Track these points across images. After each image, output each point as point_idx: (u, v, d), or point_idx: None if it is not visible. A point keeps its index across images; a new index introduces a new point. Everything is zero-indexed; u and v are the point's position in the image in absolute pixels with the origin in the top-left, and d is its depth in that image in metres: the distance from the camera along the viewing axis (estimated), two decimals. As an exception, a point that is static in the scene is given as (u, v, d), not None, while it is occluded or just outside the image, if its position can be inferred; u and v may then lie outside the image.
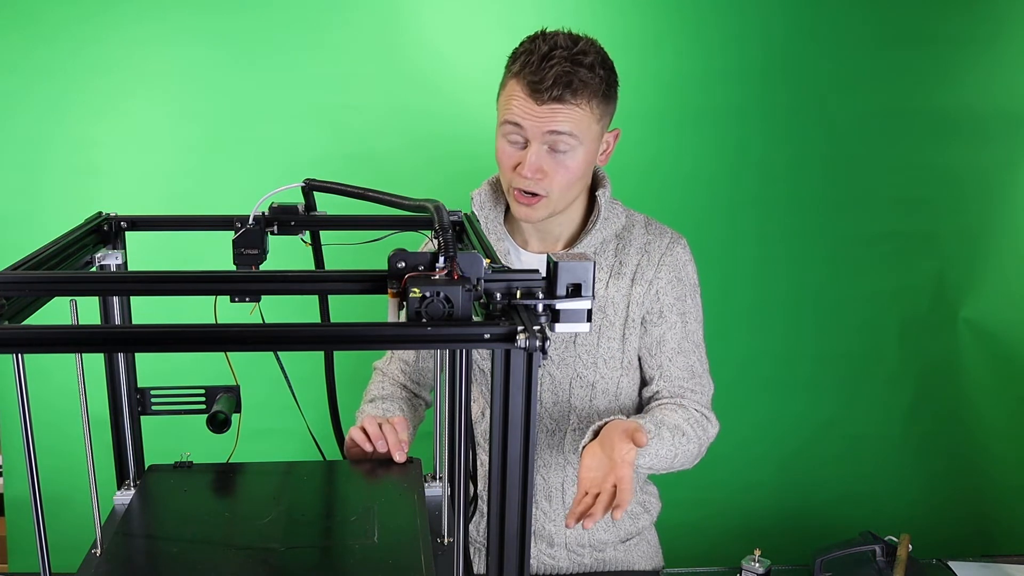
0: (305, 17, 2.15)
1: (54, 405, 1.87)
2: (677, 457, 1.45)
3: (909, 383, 2.44)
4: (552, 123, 1.35)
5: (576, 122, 1.36)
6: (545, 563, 1.64)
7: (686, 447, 1.46)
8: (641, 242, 1.53)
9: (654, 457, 1.41)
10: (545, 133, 1.36)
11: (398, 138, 2.23)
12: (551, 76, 1.32)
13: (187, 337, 0.75)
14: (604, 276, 1.51)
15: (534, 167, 1.37)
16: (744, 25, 2.22)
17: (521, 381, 0.78)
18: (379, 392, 1.60)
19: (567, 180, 1.40)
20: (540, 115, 1.35)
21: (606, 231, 1.50)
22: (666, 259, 1.52)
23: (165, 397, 1.15)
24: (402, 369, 1.63)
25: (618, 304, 1.51)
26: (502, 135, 1.41)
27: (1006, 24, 2.25)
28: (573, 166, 1.39)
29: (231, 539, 1.01)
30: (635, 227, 1.54)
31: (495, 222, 1.54)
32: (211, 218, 1.11)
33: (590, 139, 1.39)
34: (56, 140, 2.16)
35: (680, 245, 1.54)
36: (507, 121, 1.38)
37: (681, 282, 1.53)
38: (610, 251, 1.52)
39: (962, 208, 2.34)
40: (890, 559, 1.52)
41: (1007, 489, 2.48)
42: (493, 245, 1.51)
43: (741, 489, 2.45)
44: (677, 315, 1.53)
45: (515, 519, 0.82)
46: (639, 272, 1.51)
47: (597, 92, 1.36)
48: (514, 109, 1.37)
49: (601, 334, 1.51)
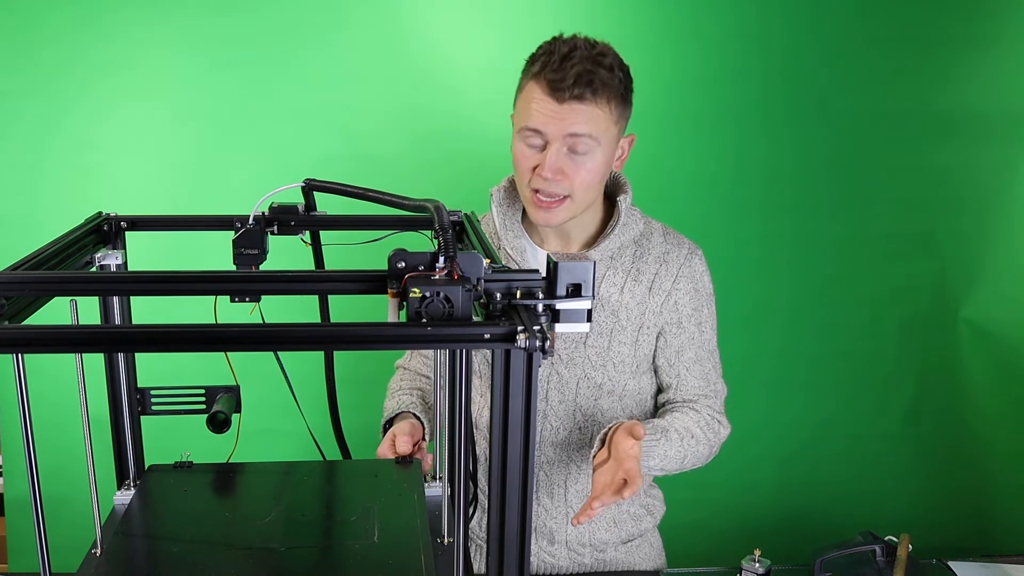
0: (305, 17, 2.15)
1: (54, 405, 1.87)
2: (687, 458, 1.50)
3: (909, 383, 2.45)
4: (572, 125, 1.35)
5: (595, 123, 1.36)
6: (545, 561, 1.64)
7: (696, 449, 1.50)
8: (660, 251, 1.54)
9: (663, 458, 1.46)
10: (565, 136, 1.36)
11: (398, 138, 2.23)
12: (572, 75, 1.32)
13: (187, 337, 0.75)
14: (620, 281, 1.52)
15: (554, 168, 1.37)
16: (744, 25, 2.22)
17: (521, 381, 0.78)
18: (398, 386, 1.65)
19: (586, 182, 1.40)
20: (560, 115, 1.35)
21: (624, 236, 1.52)
22: (684, 270, 1.54)
23: (165, 397, 1.15)
24: (423, 362, 1.69)
25: (632, 310, 1.52)
26: (520, 139, 1.41)
27: (1007, 25, 2.25)
28: (592, 168, 1.39)
29: (231, 539, 1.01)
30: (653, 235, 1.56)
31: (512, 219, 1.55)
32: (211, 218, 1.11)
33: (608, 141, 1.40)
34: (56, 140, 2.16)
35: (698, 256, 1.56)
36: (527, 128, 1.38)
37: (698, 292, 1.55)
38: (628, 256, 1.53)
39: (962, 208, 2.34)
40: (890, 559, 1.52)
41: (1007, 489, 2.48)
42: (510, 242, 1.53)
43: (741, 489, 2.45)
44: (695, 325, 1.55)
45: (515, 519, 0.82)
46: (657, 281, 1.53)
47: (616, 93, 1.37)
48: (534, 113, 1.37)
49: (613, 337, 1.52)
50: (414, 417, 1.54)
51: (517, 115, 1.43)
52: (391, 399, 1.63)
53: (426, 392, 1.64)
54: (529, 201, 1.44)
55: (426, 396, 1.63)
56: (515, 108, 1.44)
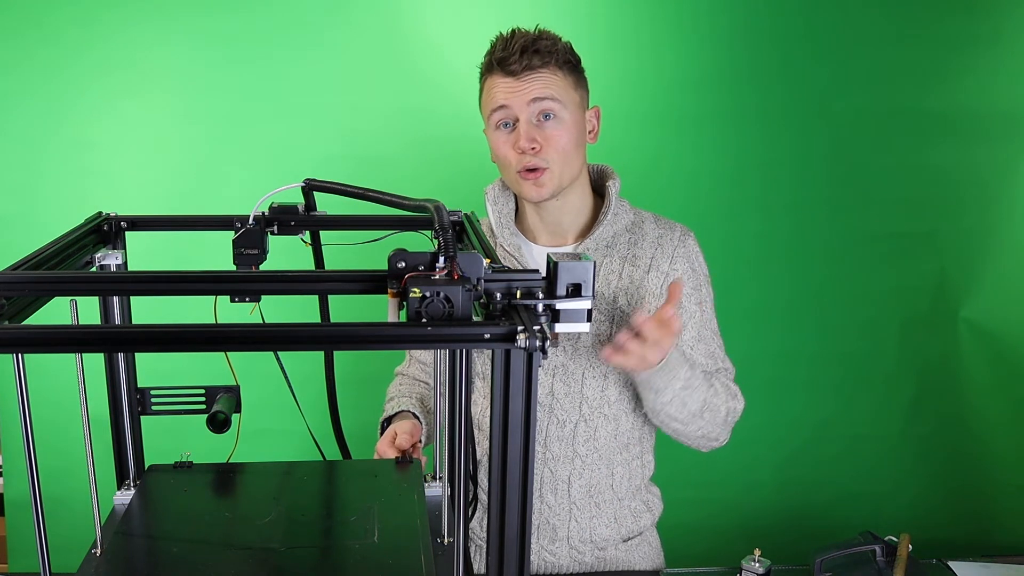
0: (305, 17, 2.16)
1: (54, 405, 1.87)
2: (706, 409, 1.50)
3: (909, 383, 2.44)
4: (531, 91, 1.43)
5: (553, 86, 1.44)
6: (547, 560, 1.64)
7: (714, 401, 1.51)
8: (654, 236, 1.57)
9: (686, 386, 1.45)
10: (529, 103, 1.44)
11: (398, 138, 2.24)
12: (517, 49, 1.43)
13: (187, 337, 0.75)
14: (617, 267, 1.55)
15: (528, 136, 1.44)
16: (744, 25, 2.22)
17: (521, 381, 0.78)
18: (396, 391, 1.67)
19: (562, 148, 1.46)
20: (518, 87, 1.43)
21: (616, 225, 1.55)
22: (679, 251, 1.57)
23: (165, 397, 1.15)
24: (421, 369, 1.71)
25: (632, 293, 1.54)
26: (492, 127, 1.49)
27: (1006, 25, 2.25)
28: (563, 132, 1.46)
29: (231, 539, 1.01)
30: (645, 222, 1.59)
31: (507, 217, 1.59)
32: (211, 218, 1.11)
33: (572, 105, 1.46)
34: (56, 140, 2.16)
35: (691, 238, 1.60)
36: (493, 109, 1.46)
37: (695, 272, 1.58)
38: (623, 243, 1.56)
39: (962, 208, 2.34)
40: (890, 559, 1.52)
41: (1007, 489, 2.48)
42: (507, 239, 1.55)
43: (741, 489, 2.45)
44: (695, 304, 1.57)
45: (515, 519, 0.82)
46: (654, 263, 1.55)
47: (562, 59, 1.45)
48: (496, 94, 1.46)
49: (615, 325, 1.53)
50: (413, 417, 1.55)
51: (484, 111, 1.51)
52: (390, 402, 1.64)
53: (425, 397, 1.65)
54: (517, 182, 1.50)
55: (425, 401, 1.63)
56: (482, 112, 1.52)
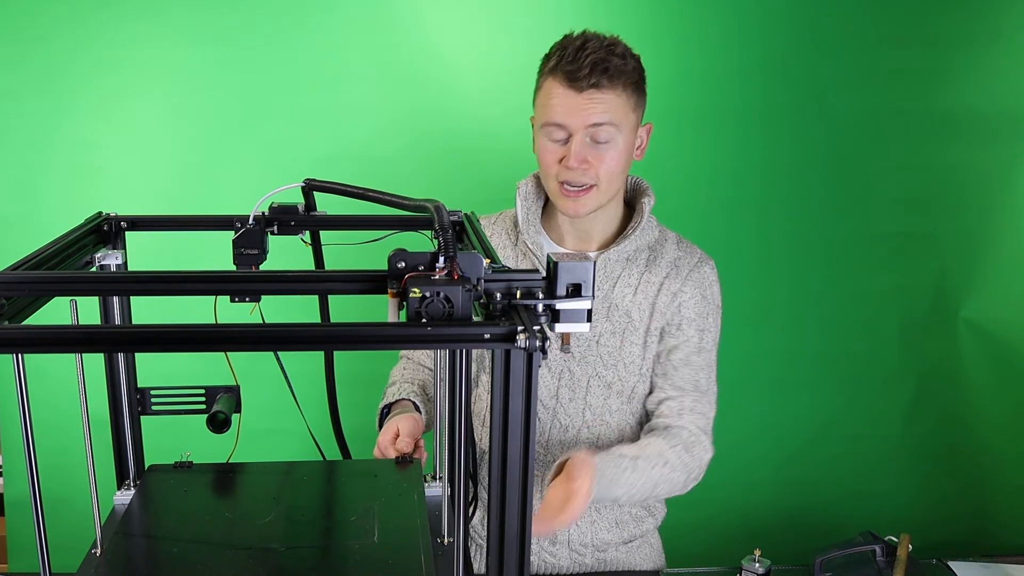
0: (305, 17, 2.15)
1: (54, 405, 1.86)
2: (658, 486, 1.48)
3: (909, 383, 2.44)
4: (592, 115, 1.39)
5: (614, 111, 1.40)
6: (547, 561, 1.64)
7: (669, 475, 1.48)
8: (672, 257, 1.56)
9: (630, 487, 1.44)
10: (587, 127, 1.40)
11: (398, 138, 2.23)
12: (588, 63, 1.37)
13: (187, 337, 0.75)
14: (634, 283, 1.54)
15: (579, 157, 1.41)
16: (744, 25, 2.21)
17: (521, 381, 0.78)
18: (400, 375, 1.65)
19: (611, 170, 1.44)
20: (580, 106, 1.39)
21: (641, 240, 1.54)
22: (693, 275, 1.55)
23: (165, 397, 1.15)
24: (427, 354, 1.69)
25: (644, 311, 1.53)
26: (543, 135, 1.45)
27: (1006, 24, 2.24)
28: (615, 155, 1.43)
29: (231, 539, 1.01)
30: (667, 242, 1.58)
31: (535, 215, 1.58)
32: (211, 218, 1.11)
33: (628, 128, 1.44)
34: (56, 140, 2.16)
35: (708, 265, 1.58)
36: (549, 123, 1.42)
37: (705, 300, 1.56)
38: (642, 260, 1.55)
39: (962, 208, 2.34)
40: (890, 559, 1.52)
41: (1007, 489, 2.48)
42: (531, 237, 1.56)
43: (741, 489, 2.45)
44: (695, 330, 1.55)
45: (515, 519, 0.82)
46: (666, 283, 1.54)
47: (631, 79, 1.42)
48: (555, 107, 1.41)
49: (625, 338, 1.53)
50: (414, 408, 1.54)
51: (538, 113, 1.47)
52: (391, 386, 1.63)
53: (427, 384, 1.64)
54: (556, 193, 1.47)
55: (427, 388, 1.63)
56: (535, 107, 1.48)
